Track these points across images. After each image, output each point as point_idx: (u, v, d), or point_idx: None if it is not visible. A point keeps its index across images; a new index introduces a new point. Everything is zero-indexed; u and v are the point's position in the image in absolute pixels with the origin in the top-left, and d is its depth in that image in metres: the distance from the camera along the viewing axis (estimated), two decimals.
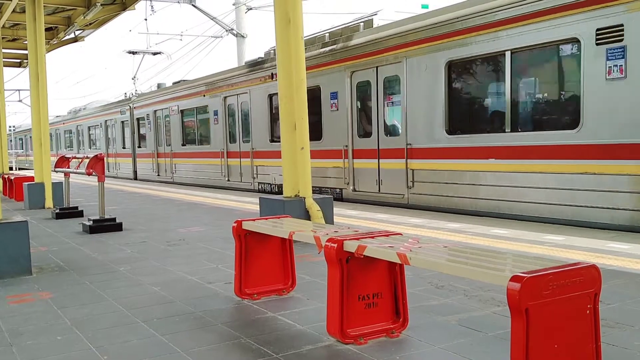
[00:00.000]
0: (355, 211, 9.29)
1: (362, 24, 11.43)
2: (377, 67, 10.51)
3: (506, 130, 8.24)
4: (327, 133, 11.80)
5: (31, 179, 12.50)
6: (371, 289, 3.29)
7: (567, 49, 7.52)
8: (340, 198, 11.40)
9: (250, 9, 24.65)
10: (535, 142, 7.83)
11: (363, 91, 10.99)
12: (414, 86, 9.66)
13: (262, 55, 14.51)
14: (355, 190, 11.15)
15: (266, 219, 4.36)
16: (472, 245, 5.86)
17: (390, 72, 10.27)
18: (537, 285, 2.19)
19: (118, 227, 8.10)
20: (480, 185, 8.66)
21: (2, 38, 16.16)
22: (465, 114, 9.20)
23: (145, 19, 27.64)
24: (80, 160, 9.62)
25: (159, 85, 22.22)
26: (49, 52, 16.20)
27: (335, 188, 11.67)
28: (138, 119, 21.98)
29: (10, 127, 46.80)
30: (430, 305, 3.97)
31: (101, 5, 12.42)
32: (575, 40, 7.25)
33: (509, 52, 8.07)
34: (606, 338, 3.17)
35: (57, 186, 11.46)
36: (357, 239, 3.20)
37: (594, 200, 7.17)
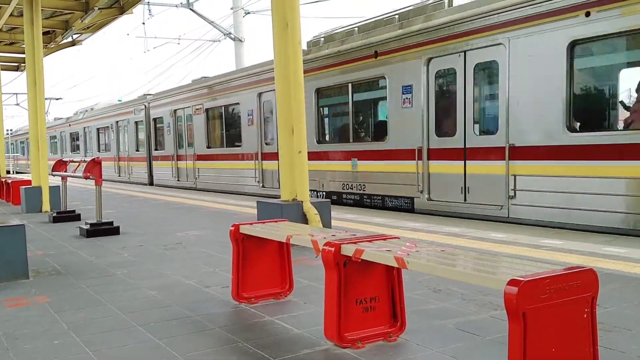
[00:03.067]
0: (353, 215, 9.29)
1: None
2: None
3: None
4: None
5: (28, 182, 12.48)
6: (369, 293, 3.28)
7: None
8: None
9: (248, 13, 24.70)
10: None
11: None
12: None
13: (75, 113, 29.11)
14: None
15: (264, 222, 4.35)
16: (469, 248, 5.87)
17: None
18: (534, 289, 2.19)
19: (115, 231, 8.09)
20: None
21: (0, 42, 16.16)
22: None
23: (143, 23, 27.76)
24: (77, 163, 9.61)
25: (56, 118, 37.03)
26: (46, 55, 16.17)
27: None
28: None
29: (7, 130, 46.94)
30: (427, 309, 3.97)
31: (99, 9, 12.42)
32: None
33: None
34: (603, 342, 3.17)
35: (54, 190, 11.43)
36: (355, 242, 3.20)
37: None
